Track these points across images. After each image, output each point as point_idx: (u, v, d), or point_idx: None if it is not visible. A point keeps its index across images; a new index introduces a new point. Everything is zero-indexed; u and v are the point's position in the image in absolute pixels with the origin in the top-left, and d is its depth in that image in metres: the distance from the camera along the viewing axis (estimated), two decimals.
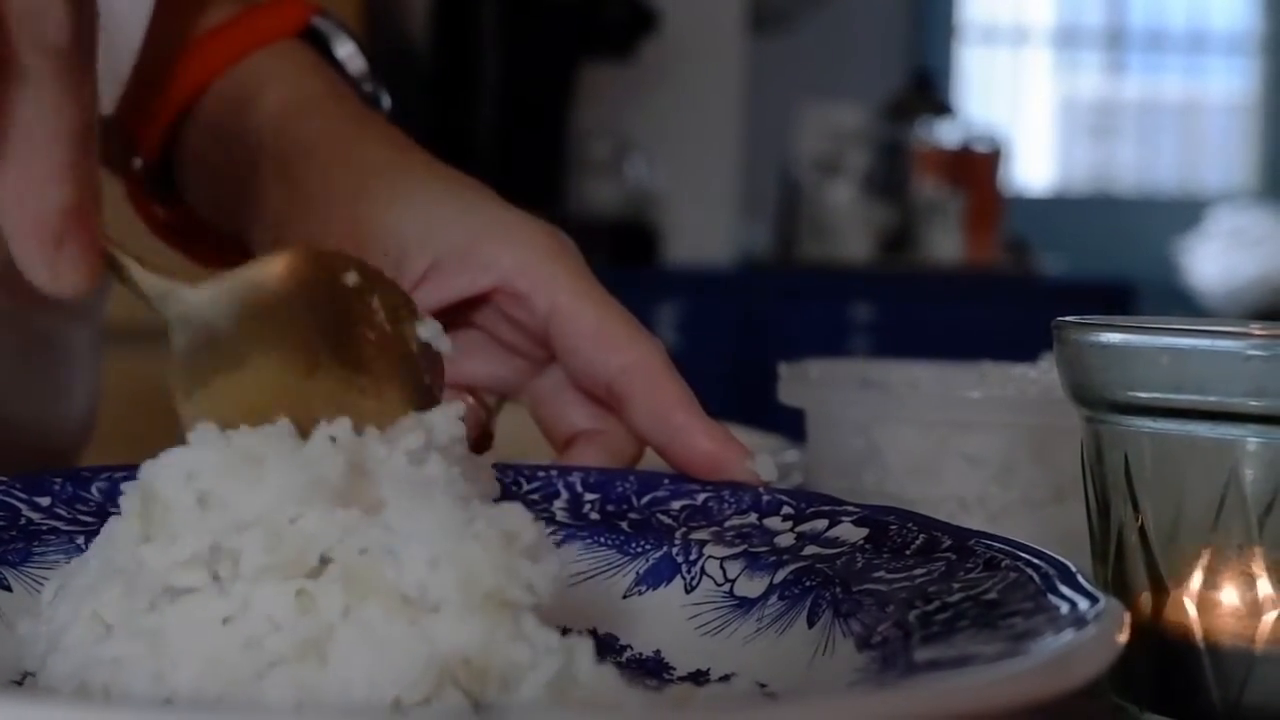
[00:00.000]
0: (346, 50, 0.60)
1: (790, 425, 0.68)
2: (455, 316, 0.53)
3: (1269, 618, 0.40)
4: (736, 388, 0.85)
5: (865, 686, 0.34)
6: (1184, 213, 4.33)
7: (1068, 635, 0.32)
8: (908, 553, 0.40)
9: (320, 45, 0.60)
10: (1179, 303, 4.00)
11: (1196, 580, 0.41)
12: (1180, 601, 0.41)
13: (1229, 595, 0.40)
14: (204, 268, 0.62)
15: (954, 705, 0.28)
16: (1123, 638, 0.32)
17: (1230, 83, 4.59)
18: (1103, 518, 0.43)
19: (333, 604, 0.34)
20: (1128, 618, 0.33)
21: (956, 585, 0.38)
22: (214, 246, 0.62)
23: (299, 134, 0.55)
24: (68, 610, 0.37)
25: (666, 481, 0.47)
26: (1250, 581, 0.40)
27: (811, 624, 0.40)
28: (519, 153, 2.49)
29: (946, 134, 3.11)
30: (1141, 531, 0.42)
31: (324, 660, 0.33)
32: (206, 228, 0.61)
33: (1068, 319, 0.43)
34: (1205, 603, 0.41)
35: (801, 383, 0.63)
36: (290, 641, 0.33)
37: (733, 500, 0.45)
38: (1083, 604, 0.34)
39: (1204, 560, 0.41)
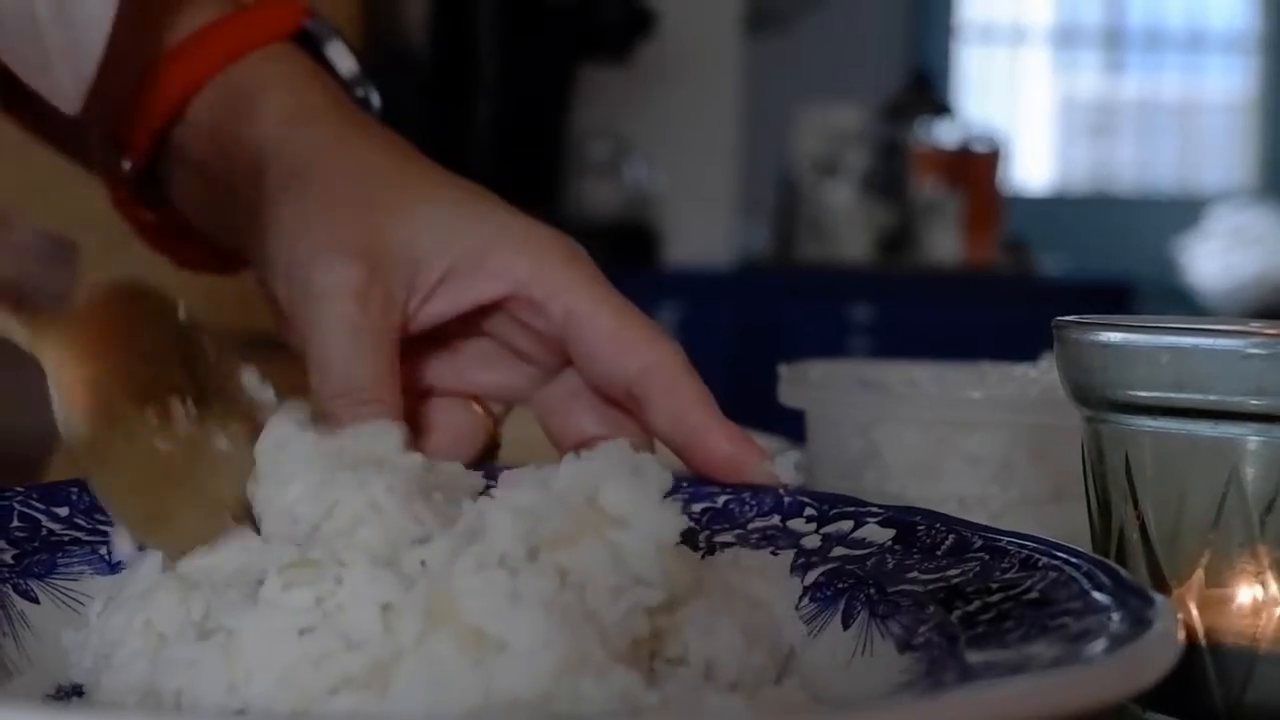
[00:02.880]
0: (338, 53, 0.59)
1: (790, 426, 0.67)
2: (465, 325, 0.52)
3: (1271, 617, 0.40)
4: (736, 389, 0.85)
5: (952, 689, 0.33)
6: (1183, 212, 4.33)
7: (1133, 635, 0.32)
8: (938, 553, 0.40)
9: (310, 47, 0.59)
10: (1178, 302, 4.00)
11: (1198, 579, 0.41)
12: (1182, 600, 0.41)
13: (1231, 594, 0.40)
14: (190, 270, 0.62)
15: (1048, 705, 0.28)
16: (1182, 635, 0.32)
17: (1229, 82, 4.59)
18: (1104, 517, 0.43)
19: (410, 628, 0.34)
20: (1180, 615, 0.33)
21: (994, 585, 0.38)
22: (199, 249, 0.61)
23: (303, 144, 0.54)
24: (120, 621, 0.38)
25: (685, 485, 0.46)
26: (1252, 580, 0.40)
27: (847, 625, 0.39)
28: (517, 155, 2.49)
29: (945, 134, 3.11)
30: (1143, 530, 0.42)
31: (385, 688, 0.33)
32: (192, 230, 0.60)
33: (1068, 318, 0.43)
34: (1207, 601, 0.41)
35: (801, 384, 0.63)
36: (361, 663, 0.34)
37: (754, 502, 0.45)
38: (1134, 602, 0.34)
39: (1205, 559, 0.41)
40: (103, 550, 0.42)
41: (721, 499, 0.45)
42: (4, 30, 0.52)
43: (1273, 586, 0.40)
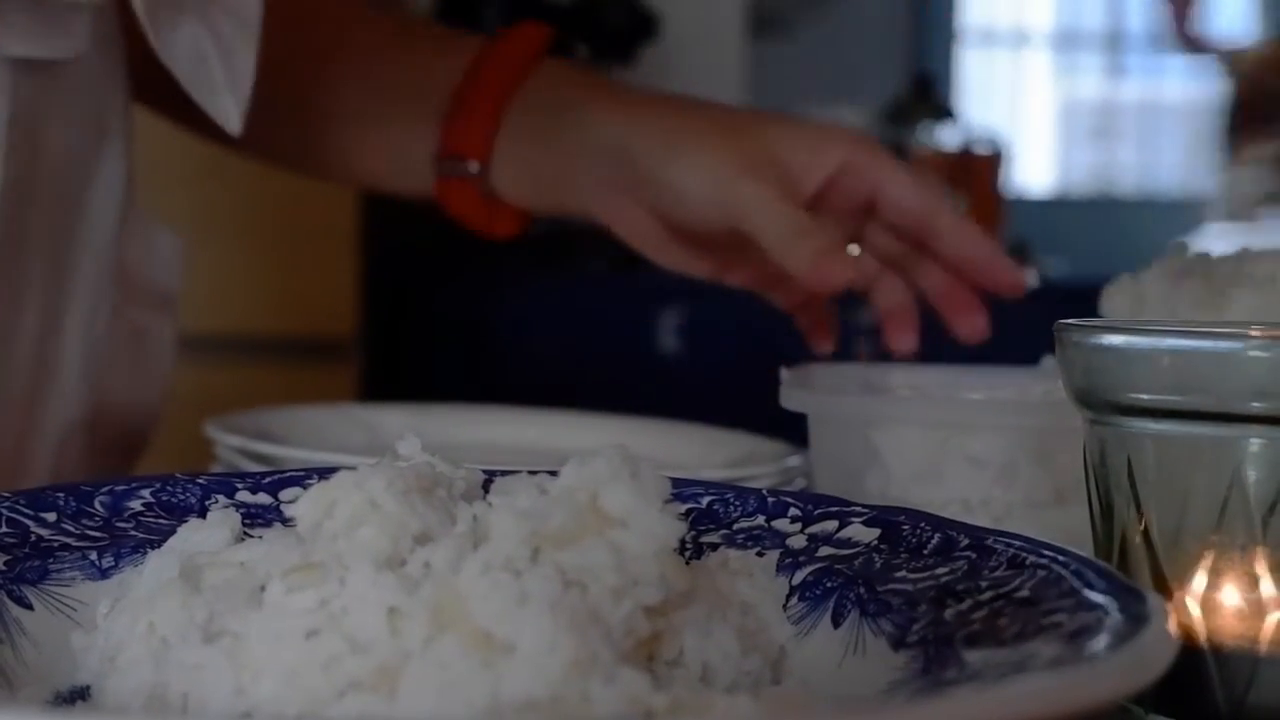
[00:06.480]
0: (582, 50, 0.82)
1: (793, 430, 0.67)
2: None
3: (1273, 619, 0.40)
4: (738, 392, 0.85)
5: (964, 690, 0.33)
6: (1184, 214, 4.33)
7: (1132, 632, 0.32)
8: (925, 552, 0.40)
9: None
10: None
11: (1200, 581, 0.41)
12: (1184, 603, 0.41)
13: (1232, 596, 0.40)
14: (492, 234, 0.80)
15: (1055, 705, 0.28)
16: (1176, 631, 0.32)
17: None
18: (1106, 519, 0.43)
19: (417, 631, 0.34)
20: (1173, 611, 0.33)
21: (984, 583, 0.38)
22: (508, 214, 0.79)
23: (648, 128, 0.73)
24: (124, 624, 0.38)
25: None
26: (1254, 582, 0.40)
27: (837, 624, 0.40)
28: None
29: (947, 137, 3.11)
30: (1145, 533, 0.42)
31: (394, 690, 0.33)
32: (506, 206, 0.79)
33: (1070, 321, 0.43)
34: (1209, 604, 0.41)
35: (803, 387, 0.63)
36: (368, 666, 0.34)
37: (738, 503, 0.45)
38: (1127, 600, 0.34)
39: (1207, 561, 0.41)
40: (92, 556, 0.42)
41: (706, 499, 0.46)
42: (183, 65, 0.65)
43: (1275, 589, 0.40)
